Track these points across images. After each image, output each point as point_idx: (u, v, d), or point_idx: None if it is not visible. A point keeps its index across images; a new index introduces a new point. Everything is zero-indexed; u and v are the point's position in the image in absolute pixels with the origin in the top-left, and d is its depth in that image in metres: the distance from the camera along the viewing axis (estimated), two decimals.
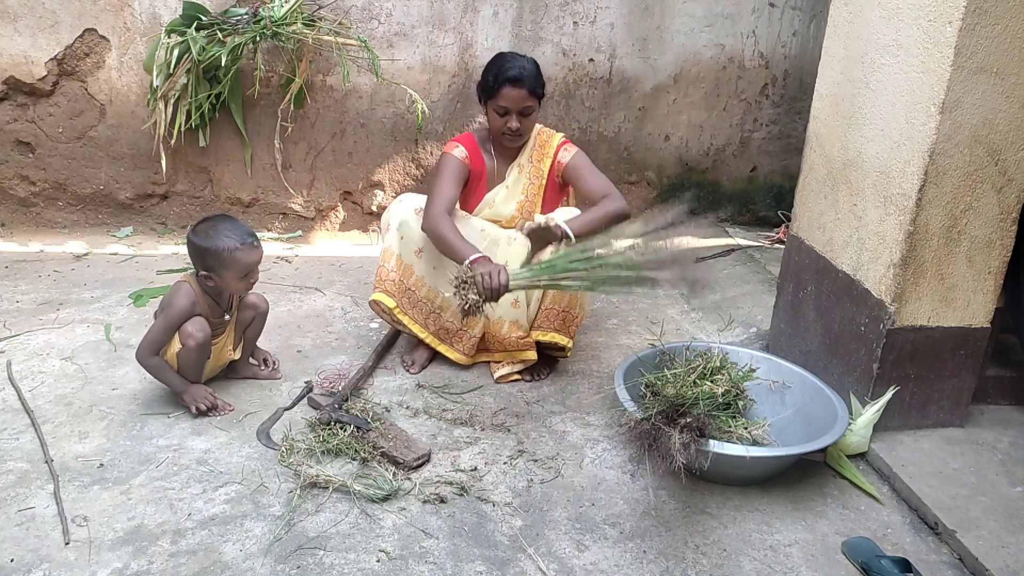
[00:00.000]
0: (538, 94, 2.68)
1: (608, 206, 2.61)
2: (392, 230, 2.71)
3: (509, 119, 2.66)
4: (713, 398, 2.18)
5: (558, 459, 2.33)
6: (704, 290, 2.42)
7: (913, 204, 2.19)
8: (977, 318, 2.35)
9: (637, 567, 1.91)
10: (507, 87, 2.61)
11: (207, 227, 2.36)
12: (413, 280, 2.73)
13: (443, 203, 2.62)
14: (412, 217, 2.68)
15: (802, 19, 4.32)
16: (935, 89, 2.10)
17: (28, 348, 2.78)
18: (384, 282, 2.72)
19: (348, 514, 2.03)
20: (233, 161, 4.00)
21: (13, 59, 3.67)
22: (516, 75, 2.61)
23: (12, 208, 3.92)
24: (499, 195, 2.80)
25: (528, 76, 2.62)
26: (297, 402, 2.54)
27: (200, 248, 2.34)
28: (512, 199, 2.80)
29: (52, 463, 2.14)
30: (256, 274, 2.43)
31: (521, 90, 2.62)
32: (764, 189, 4.62)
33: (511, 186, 2.80)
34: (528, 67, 2.65)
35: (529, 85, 2.62)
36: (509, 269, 2.36)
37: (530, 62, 2.68)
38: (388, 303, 2.72)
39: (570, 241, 2.46)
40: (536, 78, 2.66)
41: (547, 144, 2.81)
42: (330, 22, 3.79)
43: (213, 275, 2.36)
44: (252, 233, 2.40)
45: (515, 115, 2.65)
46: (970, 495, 2.16)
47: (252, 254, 2.37)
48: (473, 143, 2.80)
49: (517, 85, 2.61)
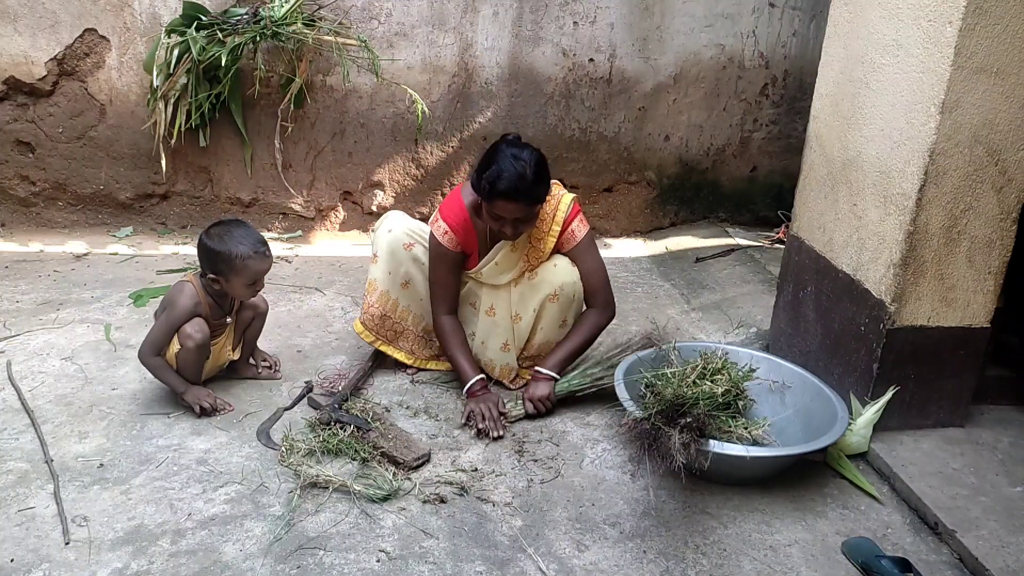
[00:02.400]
0: (540, 200, 2.38)
1: (590, 326, 2.62)
2: (380, 260, 2.63)
3: (504, 225, 2.37)
4: (713, 398, 2.18)
5: (558, 459, 2.33)
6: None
7: (913, 204, 2.19)
8: (977, 318, 2.35)
9: (637, 567, 1.91)
10: (501, 201, 2.30)
11: (221, 231, 2.37)
12: (399, 312, 2.70)
13: (443, 302, 2.59)
14: (400, 250, 2.61)
15: (802, 19, 4.32)
16: (935, 89, 2.10)
17: (28, 348, 2.78)
18: (365, 314, 2.71)
19: (348, 514, 2.02)
20: (233, 161, 4.00)
21: (13, 59, 3.67)
22: (511, 189, 2.27)
23: (12, 208, 3.92)
24: (487, 268, 2.59)
25: (525, 189, 2.28)
26: (297, 402, 2.54)
27: (212, 251, 2.34)
28: (504, 273, 2.60)
29: (52, 463, 2.14)
30: (263, 282, 2.44)
31: (518, 204, 2.31)
32: (764, 189, 4.62)
33: (501, 262, 2.57)
34: (528, 175, 2.28)
35: (528, 198, 2.31)
36: (506, 406, 2.50)
37: (531, 164, 2.30)
38: (367, 338, 2.71)
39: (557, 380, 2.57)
40: (536, 187, 2.31)
41: (552, 219, 2.53)
42: (330, 22, 3.79)
43: (221, 279, 2.36)
44: (264, 242, 2.41)
45: (510, 223, 2.36)
46: (970, 495, 2.16)
47: (263, 263, 2.38)
48: (462, 213, 2.50)
49: (512, 199, 2.30)
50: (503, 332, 2.64)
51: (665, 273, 3.97)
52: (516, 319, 2.64)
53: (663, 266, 4.07)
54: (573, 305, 2.62)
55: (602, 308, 2.63)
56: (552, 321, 2.62)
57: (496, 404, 2.47)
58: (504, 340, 2.65)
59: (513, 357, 2.68)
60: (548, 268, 2.57)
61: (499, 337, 2.65)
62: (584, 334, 2.61)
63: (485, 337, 2.67)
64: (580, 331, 2.61)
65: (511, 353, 2.67)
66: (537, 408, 2.51)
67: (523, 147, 2.36)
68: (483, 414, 2.42)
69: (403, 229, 2.63)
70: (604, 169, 4.39)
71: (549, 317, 2.61)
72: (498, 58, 4.07)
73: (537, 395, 2.51)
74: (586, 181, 4.36)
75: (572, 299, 2.59)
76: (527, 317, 2.61)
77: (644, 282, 3.86)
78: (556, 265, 2.57)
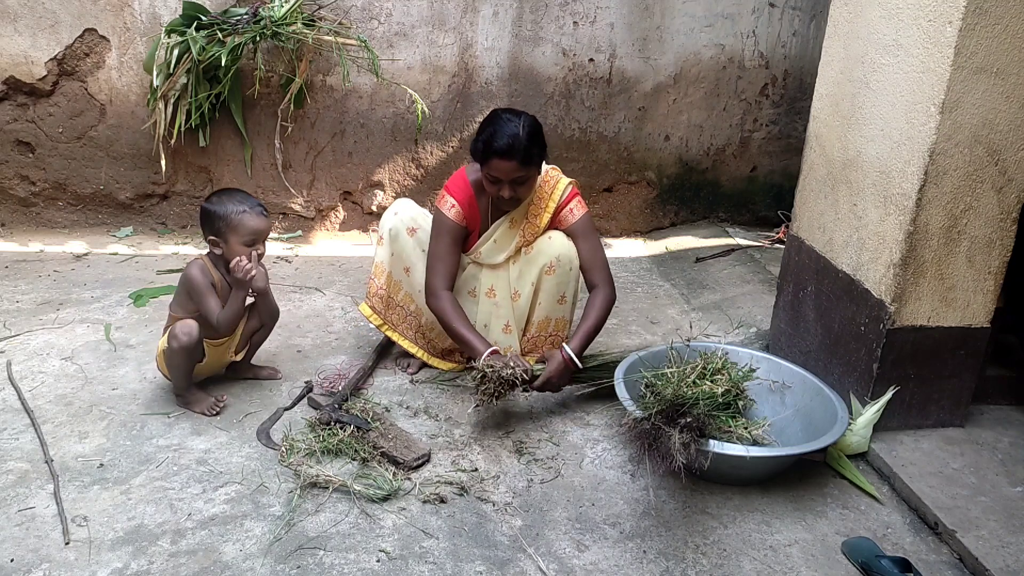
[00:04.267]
0: (534, 162, 2.44)
1: (601, 304, 2.57)
2: (385, 243, 2.69)
3: (501, 187, 2.44)
4: (713, 398, 2.18)
5: (558, 459, 2.33)
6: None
7: (913, 204, 2.19)
8: (977, 318, 2.35)
9: (637, 567, 1.91)
10: (496, 159, 2.38)
11: (219, 194, 2.42)
12: (401, 296, 2.73)
13: (443, 277, 2.57)
14: (404, 233, 2.65)
15: (802, 19, 4.32)
16: (935, 89, 2.10)
17: (28, 348, 2.78)
18: (372, 297, 2.74)
19: (348, 514, 2.02)
20: (233, 161, 4.00)
21: (13, 59, 3.67)
22: (505, 147, 2.35)
23: (12, 208, 3.92)
24: (486, 246, 2.65)
25: (520, 147, 2.36)
26: (297, 402, 2.54)
27: (209, 212, 2.37)
28: (502, 251, 2.64)
29: (52, 463, 2.14)
30: (263, 247, 2.42)
31: (511, 162, 2.37)
32: (764, 189, 4.62)
33: (499, 239, 2.63)
34: (521, 135, 2.36)
35: (521, 156, 2.37)
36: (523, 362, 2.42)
37: (526, 127, 2.39)
38: (374, 321, 2.74)
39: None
40: (529, 147, 2.39)
41: (549, 197, 2.60)
42: (330, 22, 3.79)
43: (220, 240, 2.37)
44: (262, 205, 2.43)
45: (507, 184, 2.43)
46: (970, 495, 2.16)
47: (259, 220, 2.38)
48: (466, 189, 2.58)
49: (507, 157, 2.37)
50: (504, 313, 2.67)
51: (665, 273, 3.97)
52: (515, 297, 2.66)
53: (663, 266, 4.07)
54: (571, 278, 2.63)
55: (605, 285, 2.62)
56: (550, 295, 2.63)
57: (514, 359, 2.40)
58: (506, 321, 2.67)
59: (516, 339, 2.69)
60: (544, 240, 2.61)
61: (501, 319, 2.67)
62: (599, 311, 2.58)
63: (487, 320, 2.69)
64: (594, 310, 2.58)
65: (513, 335, 2.69)
66: (549, 388, 2.48)
67: (518, 113, 2.46)
68: (509, 363, 2.35)
69: (408, 214, 2.69)
70: (604, 169, 4.39)
71: (547, 291, 2.63)
72: (498, 58, 4.07)
73: (554, 380, 2.47)
74: (586, 181, 4.36)
75: (569, 271, 2.60)
76: (526, 293, 2.63)
77: (644, 282, 3.86)
78: (551, 238, 2.60)
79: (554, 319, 2.70)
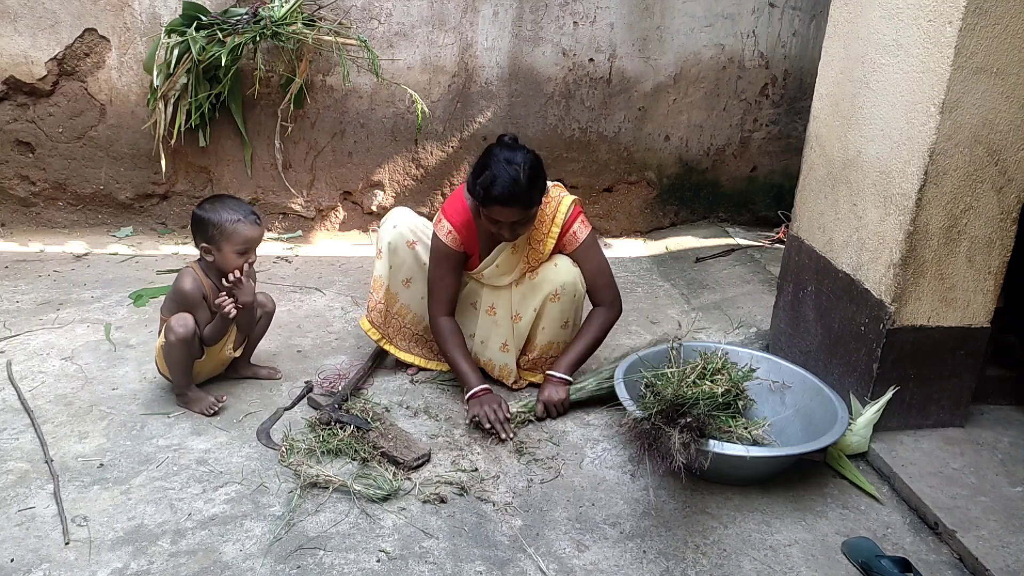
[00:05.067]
0: (536, 203, 2.37)
1: (599, 323, 2.61)
2: (383, 257, 2.64)
3: (502, 228, 2.37)
4: (713, 398, 2.18)
5: (558, 459, 2.33)
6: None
7: (913, 204, 2.19)
8: (977, 318, 2.35)
9: (637, 567, 1.91)
10: (497, 206, 2.30)
11: (212, 202, 2.40)
12: (398, 307, 2.71)
13: (443, 303, 2.58)
14: (403, 247, 2.62)
15: (802, 19, 4.32)
16: (935, 89, 2.10)
17: (28, 348, 2.78)
18: (371, 311, 2.72)
19: (348, 514, 2.03)
20: (233, 161, 4.00)
21: (13, 59, 3.67)
22: (505, 195, 2.26)
23: (12, 208, 3.92)
24: (488, 269, 2.58)
25: (519, 194, 2.27)
26: (297, 402, 2.54)
27: (202, 219, 2.35)
28: (505, 275, 2.59)
29: (52, 463, 2.14)
30: (254, 255, 2.42)
31: (512, 209, 2.30)
32: (764, 189, 4.62)
33: (502, 264, 2.57)
34: (521, 180, 2.26)
35: (521, 203, 2.30)
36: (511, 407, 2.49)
37: (525, 168, 2.27)
38: (374, 335, 2.73)
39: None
40: (530, 192, 2.30)
41: (551, 220, 2.52)
42: (330, 22, 3.79)
43: (212, 248, 2.36)
44: (255, 212, 2.42)
45: (508, 226, 2.36)
46: (970, 495, 2.16)
47: (252, 229, 2.37)
48: (464, 213, 2.50)
49: (508, 205, 2.29)
50: (503, 332, 2.64)
51: (665, 273, 3.97)
52: (516, 319, 2.63)
53: (663, 266, 4.07)
54: (575, 305, 2.61)
55: (608, 306, 2.63)
56: (554, 321, 2.61)
57: (501, 406, 2.45)
58: (503, 340, 2.64)
59: (512, 359, 2.67)
60: (549, 268, 2.57)
61: (499, 337, 2.65)
62: (593, 333, 2.61)
63: (485, 336, 2.67)
64: (589, 331, 2.61)
65: (510, 354, 2.66)
66: (550, 412, 2.52)
67: (517, 150, 2.33)
68: (488, 416, 2.41)
69: (407, 226, 2.64)
70: (604, 169, 4.39)
71: (551, 317, 2.60)
72: (498, 58, 4.07)
73: (554, 399, 2.51)
74: (586, 181, 4.36)
75: (573, 298, 2.58)
76: (527, 316, 2.61)
77: (644, 282, 3.86)
78: (557, 265, 2.57)
79: (558, 342, 2.67)
